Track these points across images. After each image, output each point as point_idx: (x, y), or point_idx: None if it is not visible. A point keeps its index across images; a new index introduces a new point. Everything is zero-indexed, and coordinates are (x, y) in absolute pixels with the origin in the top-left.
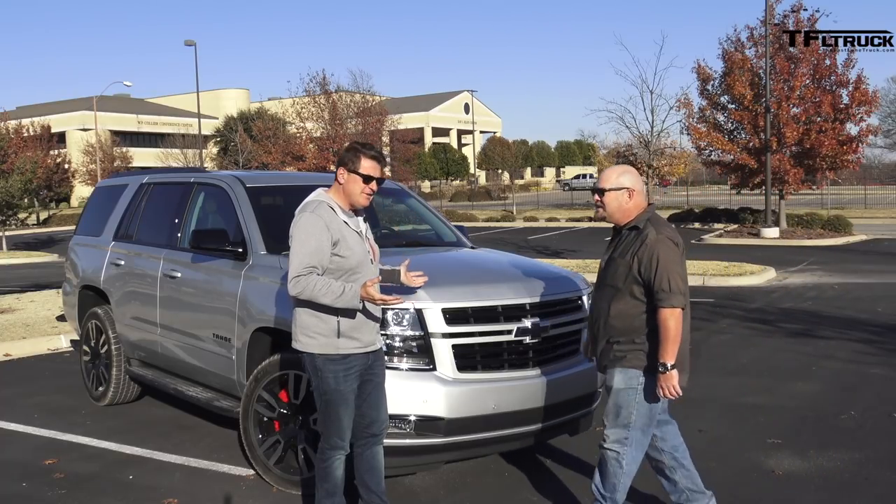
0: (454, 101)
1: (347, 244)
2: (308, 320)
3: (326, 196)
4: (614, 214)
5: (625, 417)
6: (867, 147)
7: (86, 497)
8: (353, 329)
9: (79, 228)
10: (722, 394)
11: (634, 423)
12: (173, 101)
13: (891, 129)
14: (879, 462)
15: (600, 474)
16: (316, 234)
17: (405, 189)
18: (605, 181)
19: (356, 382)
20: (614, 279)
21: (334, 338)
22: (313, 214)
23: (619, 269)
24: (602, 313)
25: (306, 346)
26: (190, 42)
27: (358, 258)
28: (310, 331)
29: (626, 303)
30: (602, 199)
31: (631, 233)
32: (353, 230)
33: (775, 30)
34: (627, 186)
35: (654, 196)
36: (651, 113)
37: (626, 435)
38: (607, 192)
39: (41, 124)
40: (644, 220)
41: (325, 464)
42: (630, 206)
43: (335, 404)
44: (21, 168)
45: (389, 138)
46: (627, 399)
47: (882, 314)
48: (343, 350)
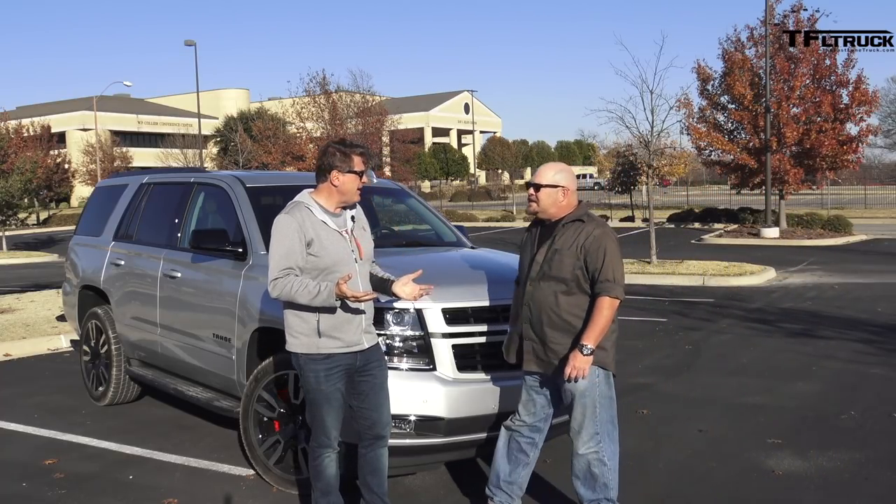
0: (454, 101)
1: (322, 244)
2: (292, 320)
3: (308, 197)
4: (547, 210)
5: (591, 415)
6: (867, 147)
7: (86, 497)
8: (334, 329)
9: (79, 228)
10: (722, 394)
11: (601, 417)
12: (173, 101)
13: (891, 129)
14: (879, 462)
15: (586, 481)
16: (288, 234)
17: (405, 189)
18: (541, 177)
19: (340, 382)
20: (560, 271)
21: (315, 337)
22: (287, 216)
23: (564, 261)
24: (547, 307)
25: (291, 346)
26: (190, 42)
27: (333, 257)
28: (293, 331)
29: (577, 297)
30: (537, 195)
31: (572, 225)
32: (333, 229)
33: (775, 30)
34: (563, 185)
35: (655, 196)
36: (651, 113)
37: (597, 431)
38: (543, 188)
39: (41, 124)
40: (584, 214)
41: (315, 462)
42: (564, 204)
43: (318, 403)
44: (21, 168)
45: (389, 138)
46: (592, 397)
47: (882, 314)
48: (324, 350)
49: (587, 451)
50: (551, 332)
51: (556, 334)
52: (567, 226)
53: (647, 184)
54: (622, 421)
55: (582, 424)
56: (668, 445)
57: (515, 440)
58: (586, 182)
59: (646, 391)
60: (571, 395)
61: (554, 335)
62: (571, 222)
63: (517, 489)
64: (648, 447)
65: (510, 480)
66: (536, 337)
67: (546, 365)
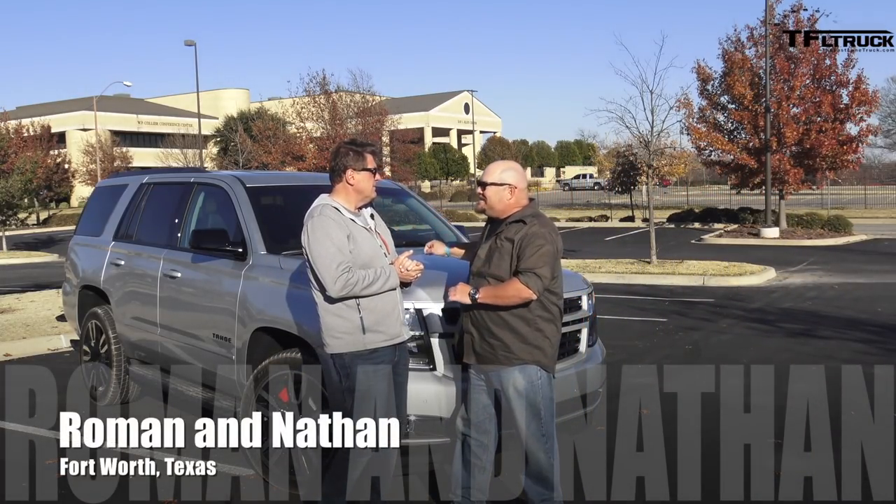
0: (454, 101)
1: (356, 241)
2: (332, 321)
3: (329, 199)
4: (494, 207)
5: (536, 415)
6: (867, 147)
7: (86, 497)
8: (377, 323)
9: (79, 228)
10: (722, 394)
11: (546, 416)
12: (173, 101)
13: (891, 129)
14: (880, 462)
15: (539, 477)
16: (333, 233)
17: (405, 189)
18: (488, 175)
19: (386, 381)
20: (499, 269)
21: (360, 334)
22: (321, 217)
23: (503, 259)
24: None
25: (334, 348)
26: (190, 42)
27: (368, 254)
28: (335, 332)
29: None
30: (484, 192)
31: (514, 225)
32: (361, 227)
33: (775, 30)
34: (510, 183)
35: (655, 196)
36: (651, 113)
37: (545, 431)
38: (489, 185)
39: (41, 124)
40: (528, 215)
41: (350, 463)
42: (511, 202)
43: (367, 401)
44: (21, 168)
45: (389, 138)
46: (535, 397)
47: (882, 314)
48: (371, 345)
49: (538, 449)
50: (489, 327)
51: (494, 329)
52: (509, 225)
53: (647, 184)
54: (623, 420)
55: (528, 425)
56: (668, 445)
57: (467, 443)
58: (586, 182)
59: (646, 391)
60: (510, 394)
61: (491, 329)
62: (514, 223)
63: (478, 493)
64: (648, 447)
65: (468, 486)
66: (475, 330)
67: (481, 358)
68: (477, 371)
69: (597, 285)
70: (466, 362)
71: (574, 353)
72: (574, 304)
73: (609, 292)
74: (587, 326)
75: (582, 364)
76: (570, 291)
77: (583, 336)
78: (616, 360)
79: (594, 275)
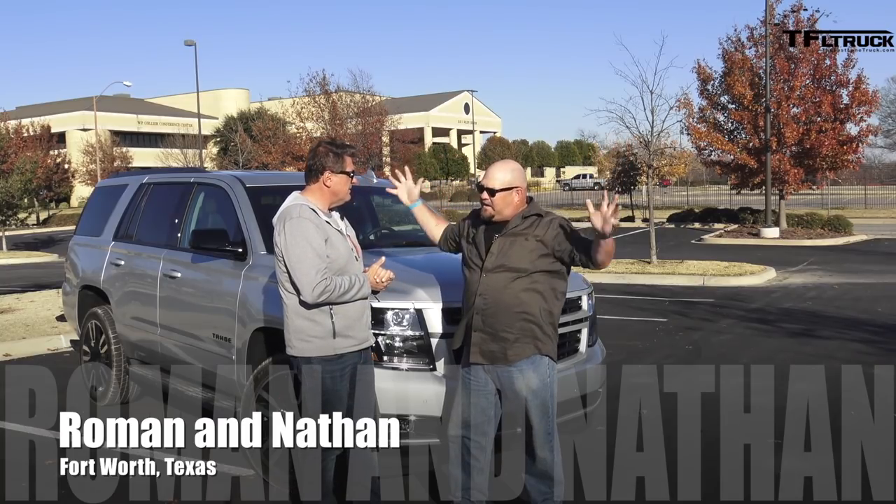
0: (454, 101)
1: (333, 243)
2: (303, 325)
3: (304, 199)
4: (503, 212)
5: (546, 413)
6: (867, 147)
7: (86, 497)
8: (348, 328)
9: (79, 228)
10: (722, 394)
11: (552, 413)
12: (173, 101)
13: (891, 129)
14: (880, 462)
15: (543, 476)
16: (312, 236)
17: None
18: (493, 181)
19: (348, 381)
20: (519, 261)
21: (331, 339)
22: (300, 219)
23: (524, 251)
24: (505, 298)
25: (303, 351)
26: (190, 42)
27: (344, 257)
28: (305, 335)
29: (538, 285)
30: (492, 199)
31: (528, 219)
32: (335, 229)
33: (775, 30)
34: (517, 186)
35: (655, 196)
36: (651, 113)
37: (550, 429)
38: (498, 192)
39: (41, 124)
40: (539, 209)
41: (325, 462)
42: (517, 203)
43: (332, 404)
44: (21, 168)
45: (389, 138)
46: (546, 396)
47: (882, 314)
48: (339, 349)
49: (544, 450)
50: (505, 320)
51: (510, 321)
52: (525, 219)
53: (647, 184)
54: (623, 420)
55: (538, 424)
56: (668, 445)
57: (465, 445)
58: (586, 182)
59: (646, 391)
60: (523, 394)
61: (507, 322)
62: (529, 216)
63: (478, 494)
64: (648, 447)
65: (468, 486)
66: (487, 326)
67: (492, 356)
68: (484, 371)
69: (597, 285)
70: (473, 363)
71: (574, 354)
72: (574, 304)
73: (609, 292)
74: (587, 326)
75: (582, 364)
76: (571, 291)
77: (583, 336)
78: (616, 360)
79: (594, 275)
